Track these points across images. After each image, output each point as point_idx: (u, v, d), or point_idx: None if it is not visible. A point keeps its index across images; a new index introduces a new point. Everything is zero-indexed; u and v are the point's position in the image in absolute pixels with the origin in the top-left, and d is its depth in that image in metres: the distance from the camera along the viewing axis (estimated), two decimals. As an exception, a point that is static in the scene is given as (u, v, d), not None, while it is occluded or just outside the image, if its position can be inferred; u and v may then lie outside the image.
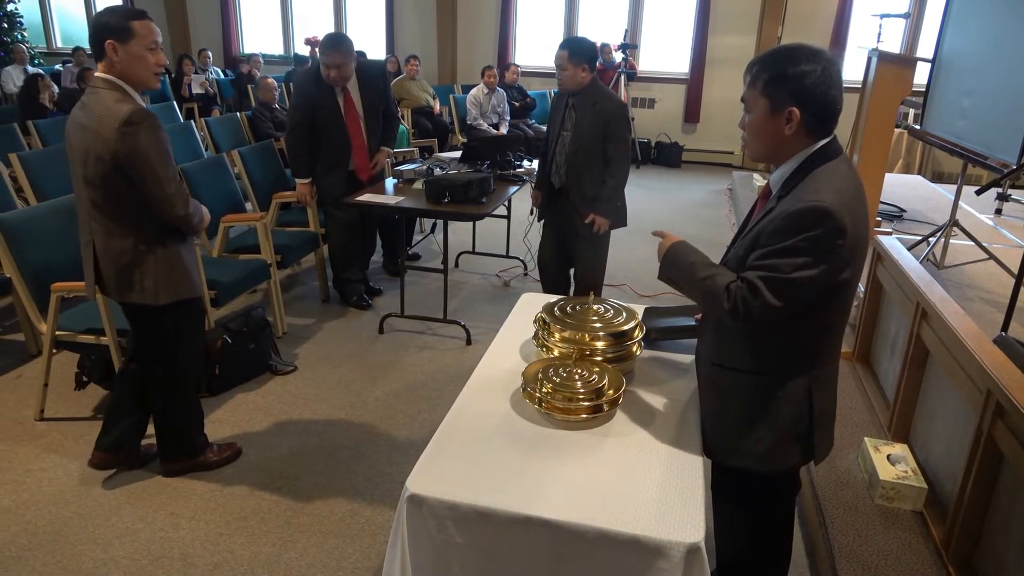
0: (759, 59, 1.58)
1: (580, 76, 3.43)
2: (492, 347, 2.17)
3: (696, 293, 1.66)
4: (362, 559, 2.38)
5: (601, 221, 3.57)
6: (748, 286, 1.52)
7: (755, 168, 8.14)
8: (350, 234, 4.27)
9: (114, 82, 2.24)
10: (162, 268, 2.39)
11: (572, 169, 3.57)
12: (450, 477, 1.55)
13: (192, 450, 2.75)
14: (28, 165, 4.25)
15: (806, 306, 1.55)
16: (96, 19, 2.24)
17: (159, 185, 2.27)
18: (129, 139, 2.19)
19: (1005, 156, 3.65)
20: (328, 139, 4.05)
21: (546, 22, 9.51)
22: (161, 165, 2.26)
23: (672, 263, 1.73)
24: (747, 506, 1.83)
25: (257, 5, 10.80)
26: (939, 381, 2.45)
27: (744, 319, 1.54)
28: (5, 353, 3.71)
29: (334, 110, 4.01)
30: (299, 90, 4.15)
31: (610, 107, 3.47)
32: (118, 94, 2.23)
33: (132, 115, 2.19)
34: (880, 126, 4.75)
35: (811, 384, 1.65)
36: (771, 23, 8.36)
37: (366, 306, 4.36)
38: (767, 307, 1.51)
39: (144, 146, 2.21)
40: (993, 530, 1.96)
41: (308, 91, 4.01)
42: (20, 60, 8.92)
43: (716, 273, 1.61)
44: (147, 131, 2.21)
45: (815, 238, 1.47)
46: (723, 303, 1.55)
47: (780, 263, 1.50)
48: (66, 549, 2.38)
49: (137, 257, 2.36)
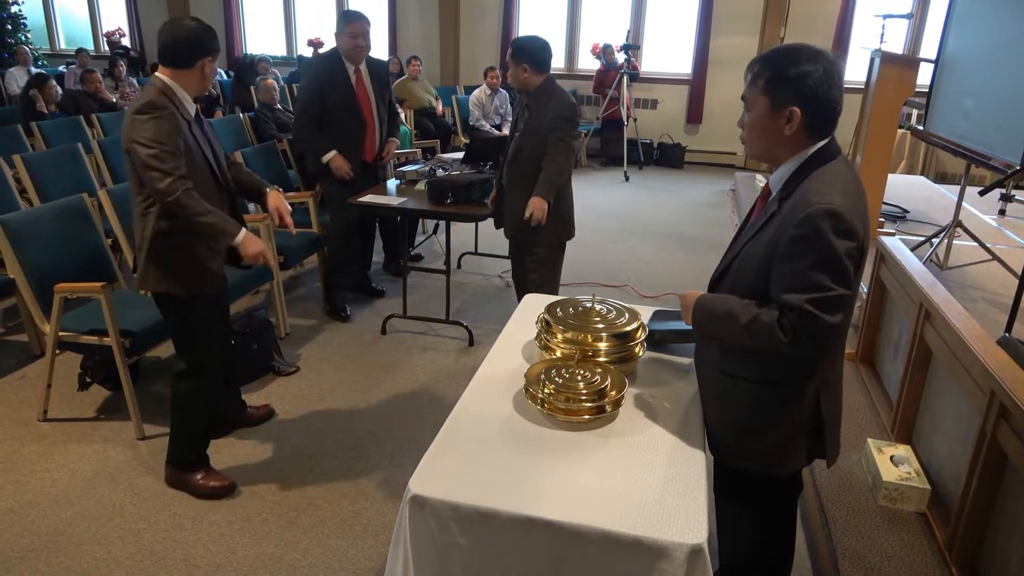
0: (761, 58, 1.58)
1: (521, 76, 3.28)
2: (494, 348, 2.17)
3: (745, 339, 1.59)
4: (364, 560, 2.38)
5: (537, 204, 3.23)
6: (802, 314, 1.48)
7: (758, 169, 8.13)
8: (349, 235, 4.21)
9: (165, 83, 2.34)
10: (180, 258, 2.43)
11: (513, 166, 3.40)
12: (452, 478, 1.54)
13: (196, 460, 2.71)
14: (31, 166, 4.27)
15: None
16: (191, 32, 2.35)
17: (148, 169, 2.27)
18: (132, 126, 2.26)
19: (1008, 157, 3.65)
20: (339, 122, 3.95)
21: (549, 23, 9.51)
22: (157, 150, 2.26)
23: (707, 320, 1.67)
24: (750, 507, 1.83)
25: (260, 7, 10.82)
26: (942, 382, 2.45)
27: (811, 347, 1.51)
28: (9, 354, 3.72)
29: (347, 89, 3.92)
30: (309, 72, 4.08)
31: (558, 104, 3.28)
32: (156, 92, 2.31)
33: (142, 104, 2.27)
34: (883, 127, 4.75)
35: (819, 388, 1.65)
36: (774, 24, 8.35)
37: (344, 317, 4.22)
38: (829, 328, 1.48)
39: (141, 132, 2.25)
40: (997, 531, 1.96)
41: (319, 73, 3.95)
42: (24, 62, 8.94)
43: (758, 313, 1.55)
44: (150, 120, 2.26)
45: (835, 244, 1.46)
46: (781, 339, 1.50)
47: (820, 281, 1.47)
48: (69, 549, 2.39)
49: (156, 247, 2.40)
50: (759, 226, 1.62)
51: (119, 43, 11.11)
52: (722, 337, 1.66)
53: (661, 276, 5.04)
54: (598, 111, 8.86)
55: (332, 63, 3.93)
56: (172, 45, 2.35)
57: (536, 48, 3.27)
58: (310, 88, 3.94)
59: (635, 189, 7.89)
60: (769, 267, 1.56)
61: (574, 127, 3.36)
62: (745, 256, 1.64)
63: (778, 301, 1.52)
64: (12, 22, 10.13)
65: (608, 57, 8.73)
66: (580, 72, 9.61)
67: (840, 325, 1.52)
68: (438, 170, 4.26)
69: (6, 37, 10.01)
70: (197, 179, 2.37)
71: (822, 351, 1.61)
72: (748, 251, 1.63)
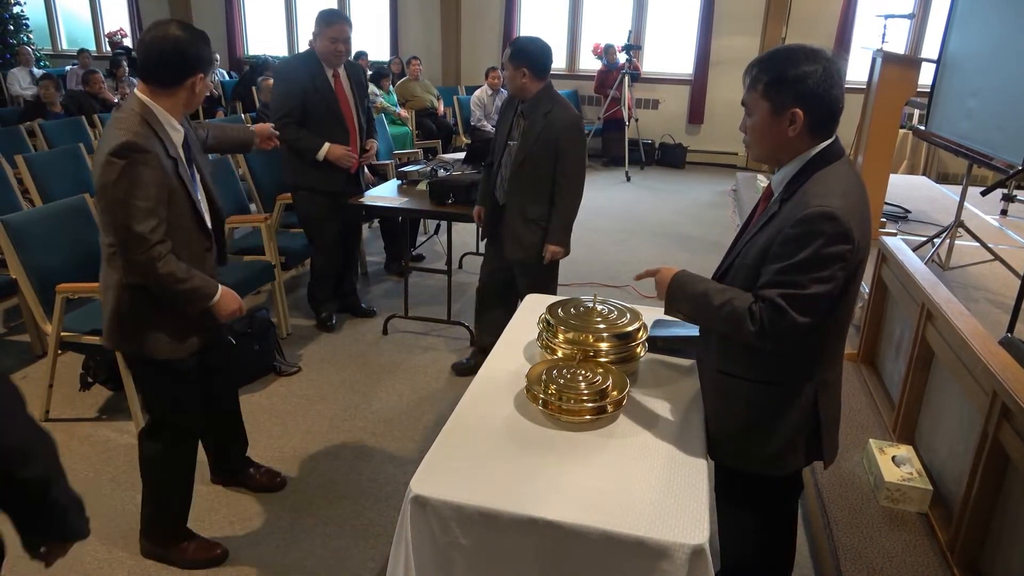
0: (758, 61, 1.58)
1: (519, 80, 3.04)
2: (496, 348, 2.17)
3: (716, 321, 1.60)
4: (366, 560, 2.38)
5: (554, 250, 3.16)
6: (771, 307, 1.48)
7: (759, 169, 8.12)
8: (332, 251, 4.02)
9: (148, 108, 1.94)
10: (163, 320, 2.06)
11: (515, 184, 3.15)
12: (454, 478, 1.54)
13: (178, 535, 2.35)
14: (34, 167, 4.28)
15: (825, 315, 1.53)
16: (178, 45, 1.92)
17: (118, 229, 1.91)
18: (106, 170, 1.87)
19: (1010, 157, 3.64)
20: (319, 130, 3.69)
21: (550, 23, 9.51)
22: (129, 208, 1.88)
23: (679, 297, 1.67)
24: (751, 507, 1.83)
25: (261, 7, 10.83)
26: (944, 383, 2.44)
27: (774, 340, 1.51)
28: (10, 354, 3.72)
29: (328, 94, 3.69)
30: (285, 76, 3.75)
31: (564, 118, 3.05)
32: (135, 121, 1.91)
33: (121, 146, 1.86)
34: (885, 127, 4.75)
35: (817, 389, 1.65)
36: (775, 24, 8.35)
37: (330, 327, 4.09)
38: (794, 326, 1.48)
39: (119, 182, 1.87)
40: (999, 532, 1.96)
41: (297, 76, 3.64)
42: (26, 62, 8.96)
43: (733, 297, 1.56)
44: (130, 166, 1.87)
45: (825, 246, 1.46)
46: (748, 326, 1.51)
47: (798, 278, 1.47)
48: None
49: (130, 304, 2.03)
50: (759, 227, 1.62)
51: (121, 43, 11.13)
52: (692, 316, 1.68)
53: (662, 276, 5.02)
54: (599, 111, 8.86)
55: (311, 66, 3.67)
56: (157, 61, 1.92)
57: (538, 52, 3.05)
58: (292, 93, 3.64)
59: (636, 189, 7.89)
60: (762, 265, 1.56)
61: (584, 144, 3.20)
62: (742, 255, 1.65)
63: (755, 293, 1.54)
64: (14, 22, 10.14)
65: (609, 57, 8.73)
66: (581, 72, 9.61)
67: (808, 325, 1.50)
68: (439, 170, 4.26)
69: (8, 38, 10.02)
70: (178, 227, 2.01)
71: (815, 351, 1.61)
72: (745, 251, 1.64)
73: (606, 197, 7.43)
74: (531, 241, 3.19)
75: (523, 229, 3.18)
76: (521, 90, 3.08)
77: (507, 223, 3.23)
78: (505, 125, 3.23)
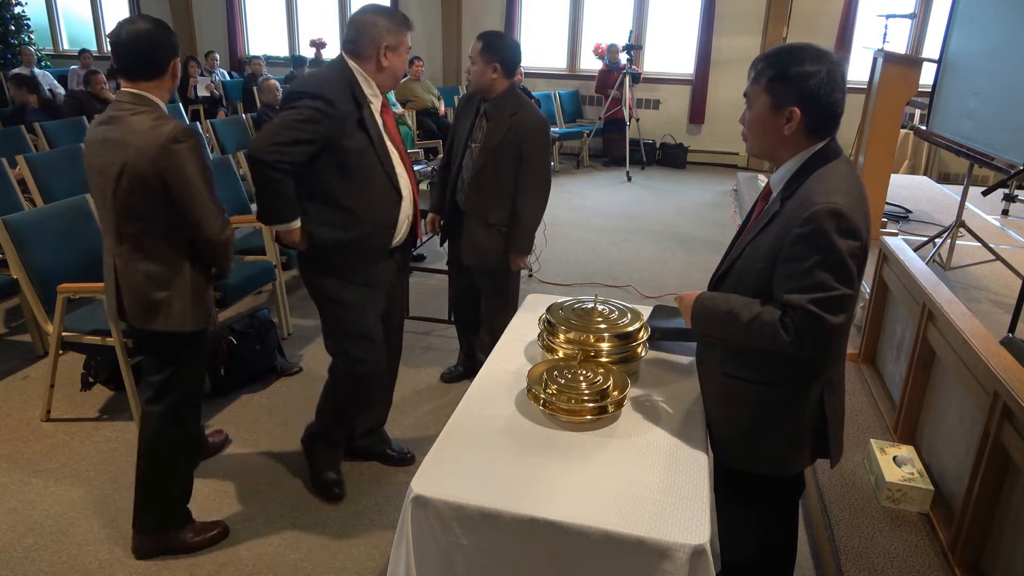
0: (765, 56, 1.58)
1: (489, 76, 2.90)
2: (497, 348, 2.17)
3: (747, 338, 1.58)
4: (367, 560, 2.38)
5: (517, 259, 3.06)
6: (804, 314, 1.47)
7: (760, 169, 8.12)
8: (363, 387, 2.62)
9: (149, 99, 2.08)
10: (190, 293, 2.18)
11: (476, 188, 3.00)
12: (455, 478, 1.54)
13: (176, 521, 2.39)
14: (35, 167, 4.28)
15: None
16: (155, 34, 2.04)
17: (203, 207, 2.09)
18: (176, 157, 2.02)
19: (1012, 156, 3.64)
20: (366, 182, 2.32)
21: (551, 23, 9.52)
22: (207, 186, 2.10)
23: (706, 319, 1.66)
24: (752, 507, 1.83)
25: (262, 7, 10.83)
26: (945, 383, 2.44)
27: (812, 347, 1.50)
28: (12, 354, 3.72)
29: (380, 140, 2.34)
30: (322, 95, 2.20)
31: (530, 121, 2.92)
32: (156, 111, 2.07)
33: (179, 132, 2.03)
34: (886, 127, 4.75)
35: (822, 388, 1.65)
36: (776, 24, 8.34)
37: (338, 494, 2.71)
38: (832, 328, 1.48)
39: (190, 165, 2.05)
40: (1000, 532, 1.95)
41: (345, 108, 2.24)
42: (27, 62, 8.96)
43: (760, 312, 1.54)
44: (193, 149, 2.05)
45: (839, 243, 1.46)
46: (783, 337, 1.50)
47: (823, 280, 1.46)
48: (72, 549, 2.39)
49: (165, 281, 2.14)
50: (761, 226, 1.61)
51: (122, 43, 11.11)
52: (723, 336, 1.66)
53: (663, 276, 5.04)
54: (600, 111, 8.86)
55: (354, 89, 2.29)
56: (140, 56, 2.04)
57: (512, 49, 2.93)
58: (324, 122, 2.19)
59: (637, 189, 7.88)
60: (773, 268, 1.55)
61: (549, 149, 3.07)
62: (747, 257, 1.64)
63: (781, 301, 1.52)
64: (15, 23, 10.14)
65: (611, 57, 8.73)
66: (582, 72, 9.61)
67: (842, 325, 1.52)
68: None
69: (9, 38, 10.03)
70: None
71: (825, 351, 1.61)
72: (750, 252, 1.63)
73: (607, 197, 7.43)
74: (490, 246, 3.05)
75: (483, 234, 3.03)
76: (489, 87, 2.94)
77: (466, 227, 3.08)
78: (465, 125, 3.06)
